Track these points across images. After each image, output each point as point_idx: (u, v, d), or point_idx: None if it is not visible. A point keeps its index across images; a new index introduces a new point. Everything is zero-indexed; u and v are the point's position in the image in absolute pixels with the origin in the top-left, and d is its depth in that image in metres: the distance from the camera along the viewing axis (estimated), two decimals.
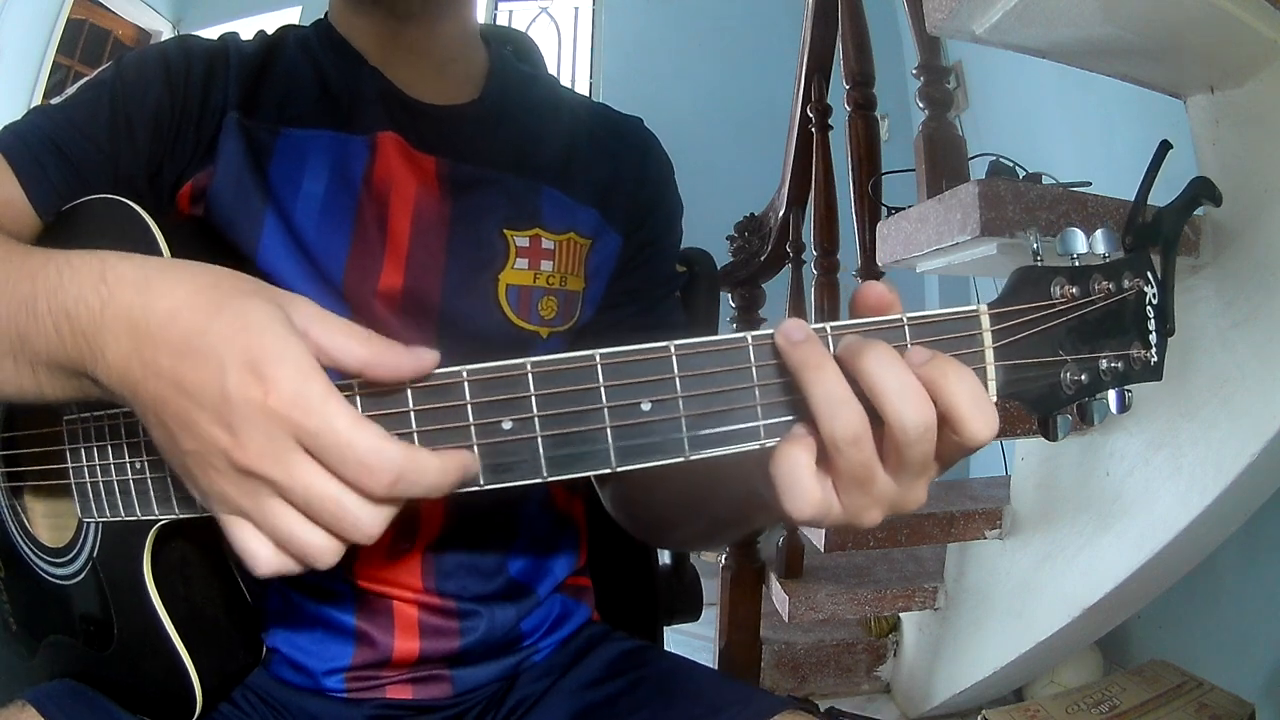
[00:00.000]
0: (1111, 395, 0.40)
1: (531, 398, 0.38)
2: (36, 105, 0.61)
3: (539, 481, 0.39)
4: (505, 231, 0.64)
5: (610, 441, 0.38)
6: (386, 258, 0.61)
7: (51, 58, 3.12)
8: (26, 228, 0.56)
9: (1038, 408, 0.40)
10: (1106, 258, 0.40)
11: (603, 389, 0.38)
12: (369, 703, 0.63)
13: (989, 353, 0.39)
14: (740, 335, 0.38)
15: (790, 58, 1.87)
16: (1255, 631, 1.47)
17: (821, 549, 1.43)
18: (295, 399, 0.35)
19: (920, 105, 1.41)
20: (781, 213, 1.82)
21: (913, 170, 1.39)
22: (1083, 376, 0.39)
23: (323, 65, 0.64)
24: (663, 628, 0.89)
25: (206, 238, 0.59)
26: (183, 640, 0.53)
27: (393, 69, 0.64)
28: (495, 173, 0.65)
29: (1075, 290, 0.39)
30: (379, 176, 0.62)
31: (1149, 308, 0.40)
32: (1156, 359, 0.40)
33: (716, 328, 0.93)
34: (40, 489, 0.59)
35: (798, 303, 1.79)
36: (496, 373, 0.38)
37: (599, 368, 0.38)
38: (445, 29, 0.65)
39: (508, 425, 0.38)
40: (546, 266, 0.65)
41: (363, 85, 0.64)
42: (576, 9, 3.94)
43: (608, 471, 0.38)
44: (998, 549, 1.50)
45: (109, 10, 3.39)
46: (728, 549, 1.71)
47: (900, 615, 1.83)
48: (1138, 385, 0.41)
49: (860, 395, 0.36)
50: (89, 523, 0.54)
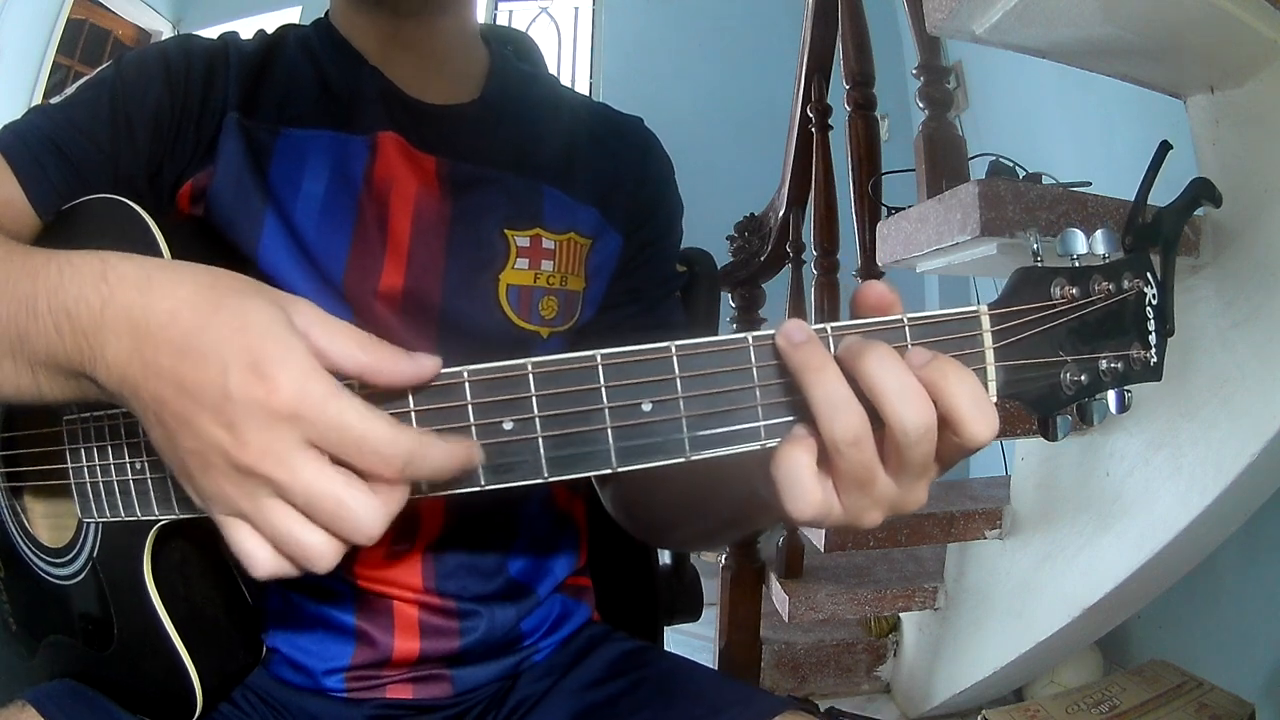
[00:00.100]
0: (1111, 395, 0.40)
1: (532, 398, 0.38)
2: (36, 105, 0.61)
3: (540, 482, 0.39)
4: (506, 231, 0.64)
5: (611, 442, 0.38)
6: (387, 258, 0.61)
7: (51, 58, 3.12)
8: (26, 228, 0.56)
9: (1038, 408, 0.40)
10: (1106, 258, 0.40)
11: (604, 389, 0.38)
12: (369, 703, 0.63)
13: (989, 353, 0.39)
14: (741, 336, 0.38)
15: (790, 58, 1.87)
16: (1255, 631, 1.47)
17: (821, 549, 1.43)
18: (300, 398, 0.35)
19: (920, 105, 1.41)
20: (781, 213, 1.82)
21: (913, 170, 1.39)
22: (1083, 377, 0.39)
23: (323, 65, 0.64)
24: (663, 628, 0.88)
25: (206, 238, 0.59)
26: (183, 640, 0.53)
27: (393, 68, 0.64)
28: (496, 172, 0.65)
29: (1075, 291, 0.39)
30: (379, 176, 0.62)
31: (1149, 308, 0.40)
32: (1156, 359, 0.40)
33: (717, 328, 0.92)
34: (40, 489, 0.59)
35: (798, 303, 1.79)
36: (497, 373, 0.38)
37: (600, 368, 0.38)
38: (446, 27, 0.65)
39: (509, 425, 0.38)
40: (547, 266, 0.65)
41: (363, 85, 0.64)
42: (576, 9, 3.94)
43: (608, 472, 0.38)
44: (998, 549, 1.50)
45: (109, 10, 3.39)
46: (728, 549, 1.71)
47: (900, 615, 1.83)
48: (1137, 385, 0.41)
49: (861, 396, 0.36)
50: (89, 523, 0.54)
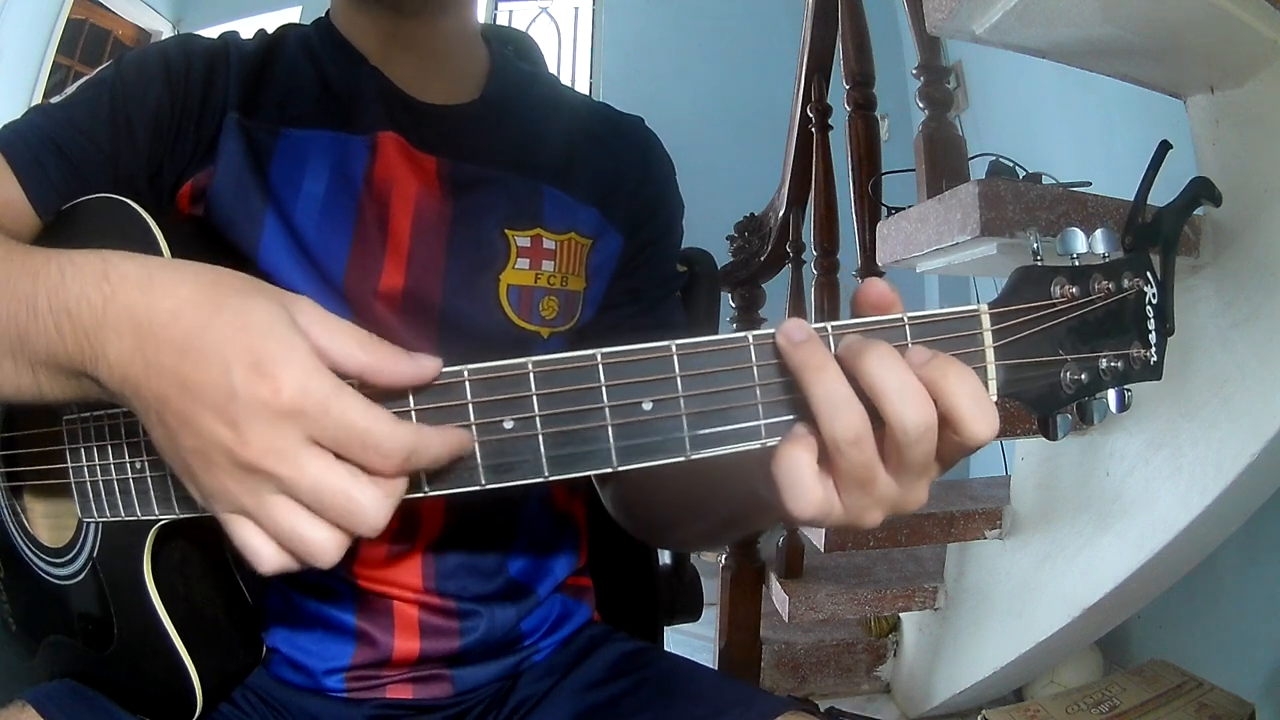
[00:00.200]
0: (1111, 394, 0.40)
1: (533, 397, 0.38)
2: (36, 104, 0.61)
3: (540, 481, 0.39)
4: (506, 231, 0.64)
5: (611, 441, 0.38)
6: (387, 258, 0.61)
7: (51, 58, 3.12)
8: (26, 227, 0.56)
9: (1038, 407, 0.40)
10: (1106, 257, 0.40)
11: (604, 388, 0.38)
12: (369, 703, 0.63)
13: (989, 352, 0.39)
14: (741, 335, 0.38)
15: (790, 58, 1.87)
16: (1255, 631, 1.47)
17: (821, 549, 1.43)
18: (304, 396, 0.35)
19: (920, 105, 1.41)
20: (781, 213, 1.82)
21: (913, 170, 1.39)
22: (1083, 376, 0.39)
23: (323, 64, 0.64)
24: (663, 628, 0.88)
25: (206, 237, 0.59)
26: (183, 640, 0.53)
27: (393, 68, 0.64)
28: (496, 172, 0.65)
29: (1075, 290, 0.39)
30: (379, 177, 0.62)
31: (1149, 307, 0.40)
32: (1156, 358, 0.40)
33: (717, 328, 0.92)
34: (40, 489, 0.59)
35: (798, 303, 1.79)
36: (498, 372, 0.38)
37: (600, 367, 0.38)
38: (446, 27, 0.65)
39: (509, 425, 0.38)
40: (548, 266, 0.65)
41: (363, 84, 0.64)
42: (576, 9, 3.94)
43: (609, 471, 0.38)
44: (998, 549, 1.50)
45: (109, 10, 3.39)
46: (728, 549, 1.71)
47: (900, 615, 1.83)
48: (1137, 385, 0.41)
49: (861, 395, 0.36)
50: (89, 523, 0.54)
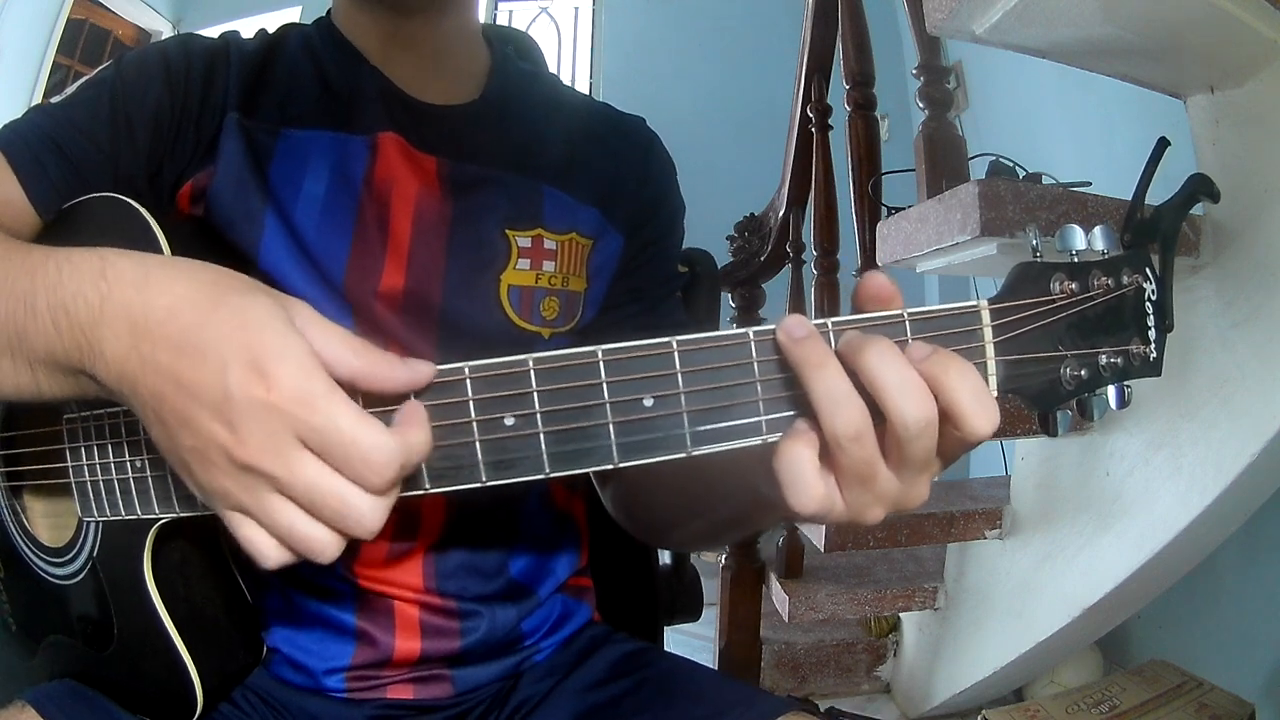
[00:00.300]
0: (1111, 391, 0.40)
1: (534, 394, 0.38)
2: (36, 104, 0.61)
3: (541, 478, 0.39)
4: (507, 232, 0.64)
5: (612, 437, 0.38)
6: (387, 258, 0.61)
7: (51, 58, 3.12)
8: (26, 226, 0.56)
9: (1038, 403, 0.40)
10: (1105, 254, 0.40)
11: (605, 385, 0.38)
12: (370, 703, 0.63)
13: (989, 348, 0.39)
14: (742, 331, 0.38)
15: (790, 58, 1.87)
16: (1255, 631, 1.47)
17: (821, 549, 1.43)
18: (298, 395, 0.35)
19: (920, 105, 1.41)
20: (781, 213, 1.82)
21: (913, 170, 1.39)
22: (1082, 372, 0.39)
23: (324, 64, 0.64)
24: (663, 628, 0.88)
25: (207, 237, 0.59)
26: (183, 640, 0.53)
27: (394, 68, 0.64)
28: (496, 172, 0.65)
29: (1075, 286, 0.39)
30: (380, 177, 0.62)
31: (1148, 304, 0.40)
32: (1156, 355, 0.40)
33: (717, 328, 0.92)
34: (40, 488, 0.59)
35: (798, 303, 1.79)
36: (499, 369, 0.38)
37: (601, 364, 0.38)
38: (447, 26, 0.65)
39: (510, 421, 0.38)
40: (548, 267, 0.65)
41: (363, 84, 0.64)
42: (576, 9, 3.95)
43: (610, 468, 0.39)
44: (998, 549, 1.50)
45: (109, 10, 3.39)
46: (728, 549, 1.71)
47: (900, 615, 1.83)
48: (1137, 382, 0.41)
49: (862, 391, 0.36)
50: (89, 522, 0.54)
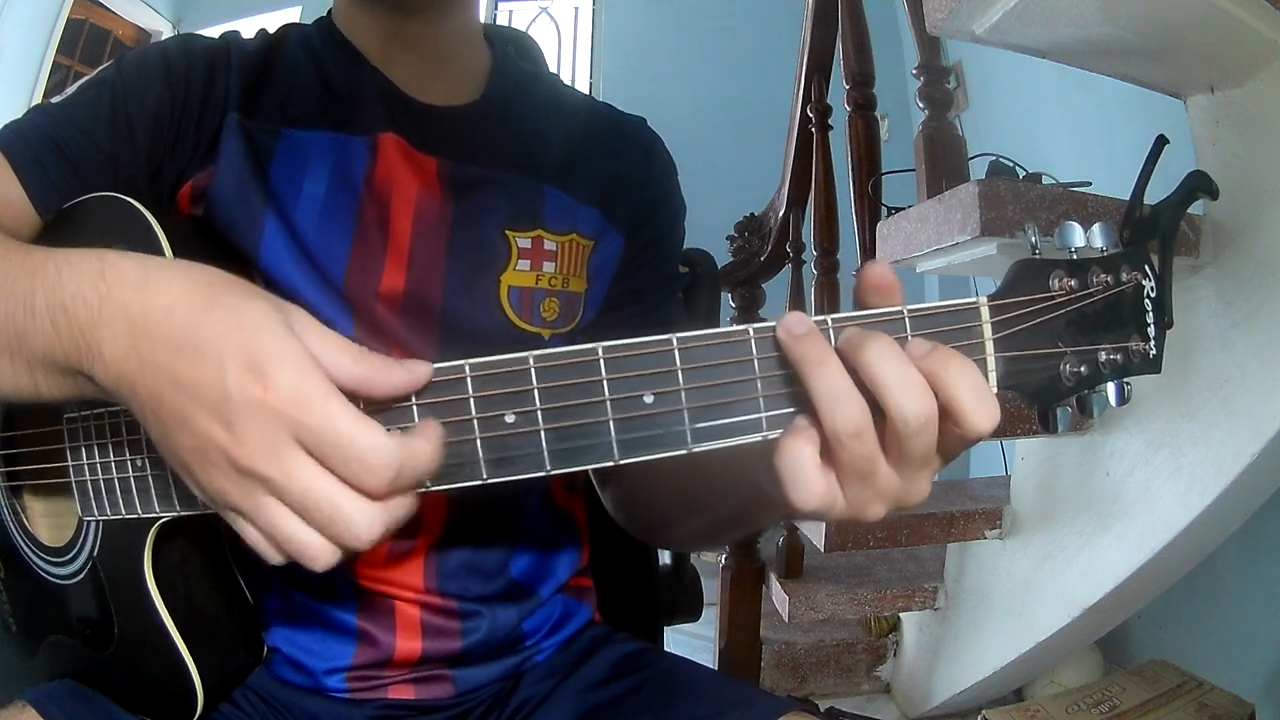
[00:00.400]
0: (1110, 388, 0.40)
1: (534, 391, 0.38)
2: (37, 104, 0.61)
3: (542, 475, 0.39)
4: (507, 233, 0.64)
5: (613, 434, 0.38)
6: (388, 259, 0.61)
7: (51, 58, 3.13)
8: (26, 226, 0.56)
9: (1037, 399, 0.40)
10: (1104, 251, 0.40)
11: (605, 382, 0.38)
12: (371, 703, 0.63)
13: (989, 344, 0.39)
14: (742, 328, 0.38)
15: (790, 58, 1.87)
16: (1255, 631, 1.47)
17: (821, 549, 1.43)
18: (295, 396, 0.35)
19: (920, 105, 1.41)
20: (781, 213, 1.82)
21: (913, 170, 1.39)
22: (1082, 368, 0.39)
23: (324, 65, 0.64)
24: (663, 628, 0.88)
25: (207, 238, 0.59)
26: (184, 639, 0.53)
27: (394, 68, 0.64)
28: (497, 173, 0.65)
29: (1074, 283, 0.39)
30: (380, 178, 0.62)
31: (1147, 301, 0.40)
32: (1155, 351, 0.40)
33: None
34: (40, 488, 0.59)
35: (797, 303, 1.79)
36: (499, 367, 0.38)
37: (601, 361, 0.38)
38: (448, 27, 0.65)
39: (511, 419, 0.38)
40: (548, 268, 0.65)
41: (364, 85, 0.64)
42: (576, 9, 3.95)
43: (611, 464, 0.39)
44: (998, 549, 1.50)
45: (109, 10, 3.39)
46: (728, 549, 1.71)
47: (900, 615, 1.83)
48: (1137, 382, 0.41)
49: (862, 387, 0.36)
50: (89, 521, 0.54)
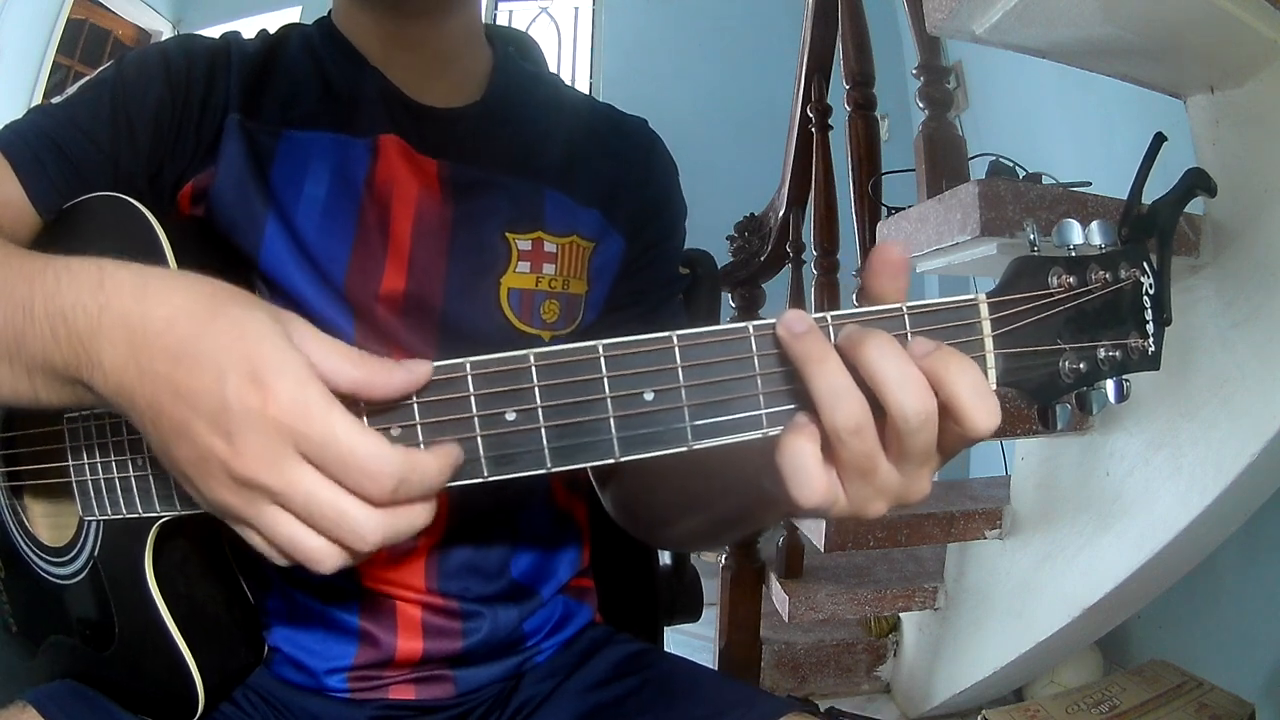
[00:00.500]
0: (1109, 385, 0.40)
1: (535, 389, 0.38)
2: (37, 104, 0.61)
3: (543, 472, 0.39)
4: (507, 234, 0.64)
5: (613, 431, 0.39)
6: (388, 261, 0.61)
7: (51, 58, 3.13)
8: (26, 226, 0.56)
9: (1037, 396, 0.40)
10: (1103, 249, 0.40)
11: (605, 379, 0.38)
12: (371, 703, 0.63)
13: (988, 341, 0.39)
14: (742, 325, 0.38)
15: (790, 58, 1.87)
16: (1255, 631, 1.47)
17: (821, 549, 1.43)
18: (295, 407, 0.35)
19: (920, 105, 1.41)
20: (781, 213, 1.82)
21: (913, 170, 1.40)
22: (1081, 365, 0.39)
23: (325, 65, 0.64)
24: (663, 628, 0.88)
25: (207, 238, 0.59)
26: (185, 638, 0.53)
27: (395, 70, 0.64)
28: (497, 175, 0.65)
29: (1072, 280, 0.39)
30: (380, 179, 0.62)
31: (1146, 298, 0.40)
32: (1154, 348, 0.40)
33: None
34: (40, 488, 0.59)
35: (797, 303, 1.79)
36: (500, 364, 0.39)
37: (602, 359, 0.38)
38: (449, 28, 0.65)
39: (511, 416, 0.38)
40: (549, 270, 0.65)
41: (365, 86, 0.64)
42: (576, 9, 3.95)
43: (611, 461, 0.39)
44: (998, 549, 1.50)
45: (109, 10, 3.39)
46: (728, 549, 1.71)
47: (900, 615, 1.83)
48: (1137, 381, 0.41)
49: (861, 385, 0.36)
50: (90, 521, 0.54)
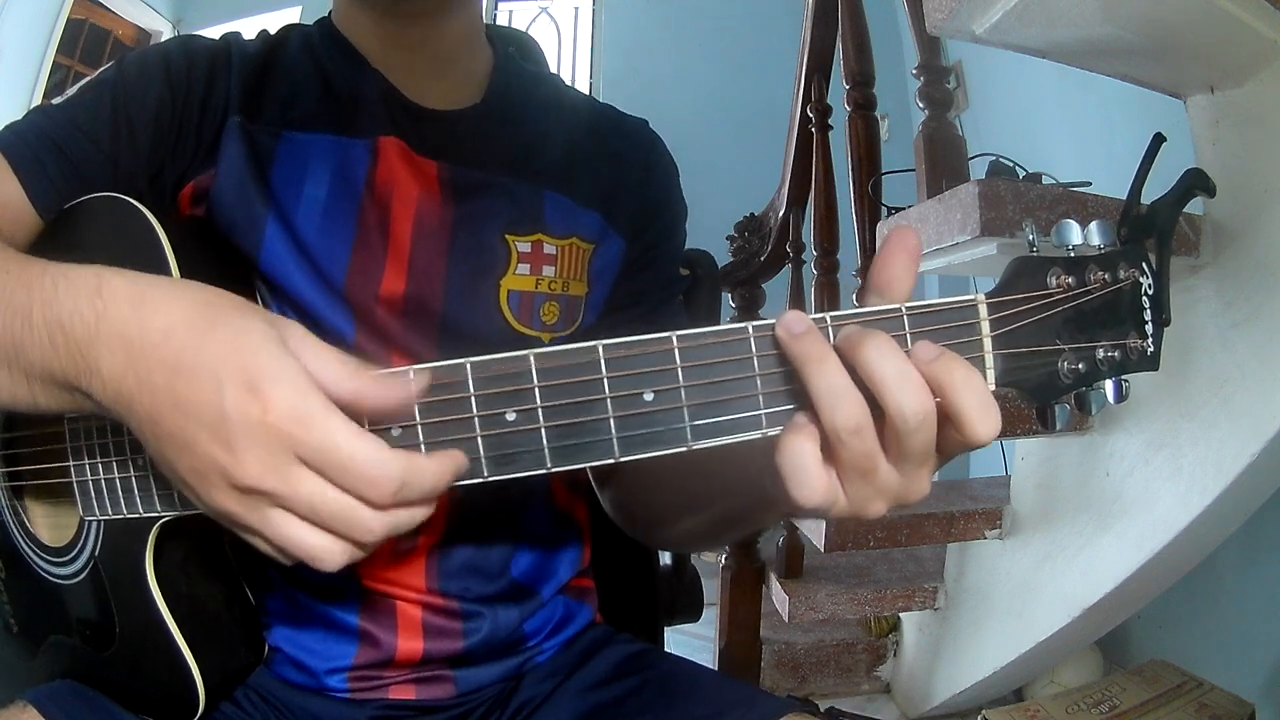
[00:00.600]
0: (1109, 385, 0.40)
1: (535, 389, 0.38)
2: (37, 105, 0.61)
3: (543, 472, 0.39)
4: (507, 236, 0.64)
5: (613, 431, 0.39)
6: (388, 263, 0.61)
7: (51, 58, 3.13)
8: (26, 227, 0.56)
9: (1036, 397, 0.40)
10: (1102, 249, 0.40)
11: (605, 380, 0.38)
12: (372, 703, 0.63)
13: (987, 341, 0.39)
14: (741, 325, 0.38)
15: (790, 58, 1.87)
16: (1255, 631, 1.47)
17: (821, 549, 1.43)
18: (294, 415, 0.35)
19: (920, 105, 1.41)
20: (781, 213, 1.82)
21: (913, 170, 1.40)
22: (1080, 365, 0.39)
23: (325, 66, 0.64)
24: (663, 628, 0.88)
25: (207, 239, 0.59)
26: (185, 638, 0.53)
27: (395, 71, 0.64)
28: (497, 177, 0.65)
29: (1071, 280, 0.39)
30: (381, 181, 0.62)
31: (1145, 298, 0.40)
32: (1153, 348, 0.40)
33: None
34: (41, 488, 0.59)
35: (797, 303, 1.79)
36: (500, 365, 0.39)
37: (601, 359, 0.38)
38: (450, 28, 0.65)
39: (511, 416, 0.39)
40: (548, 272, 0.65)
41: (365, 87, 0.64)
42: (576, 9, 3.95)
43: (611, 461, 0.39)
44: (998, 549, 1.50)
45: (109, 10, 3.39)
46: (728, 549, 1.71)
47: (900, 615, 1.83)
48: (1137, 381, 0.41)
49: (860, 385, 0.36)
50: (90, 522, 0.54)
